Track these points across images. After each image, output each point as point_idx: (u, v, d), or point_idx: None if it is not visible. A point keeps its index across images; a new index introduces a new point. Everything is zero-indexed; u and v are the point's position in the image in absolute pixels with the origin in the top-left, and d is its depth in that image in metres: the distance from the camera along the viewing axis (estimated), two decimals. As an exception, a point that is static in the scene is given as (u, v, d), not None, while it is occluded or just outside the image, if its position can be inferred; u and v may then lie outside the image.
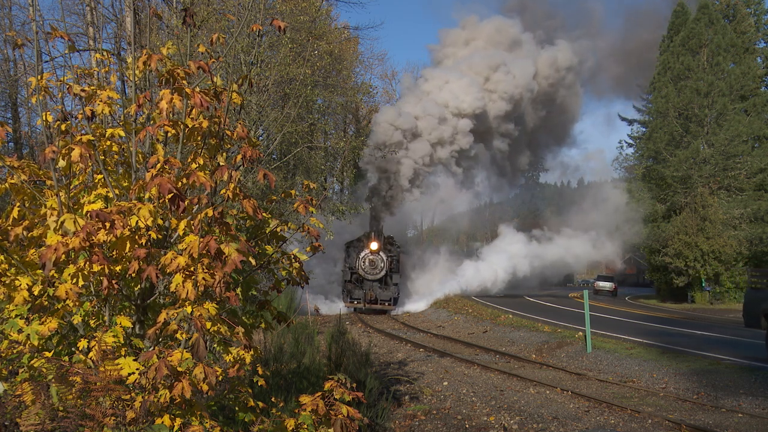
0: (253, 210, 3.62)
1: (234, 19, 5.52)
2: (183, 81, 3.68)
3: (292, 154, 21.98)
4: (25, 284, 3.49)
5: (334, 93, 27.87)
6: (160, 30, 17.24)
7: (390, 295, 28.32)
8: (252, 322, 4.43)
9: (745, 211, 35.55)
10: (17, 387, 3.14)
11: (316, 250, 4.50)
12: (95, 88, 3.89)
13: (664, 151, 37.05)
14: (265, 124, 20.13)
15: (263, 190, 17.42)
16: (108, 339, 3.35)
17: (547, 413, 9.20)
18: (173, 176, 3.40)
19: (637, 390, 10.94)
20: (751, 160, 35.48)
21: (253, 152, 3.70)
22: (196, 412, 3.36)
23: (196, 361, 3.12)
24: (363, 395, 3.88)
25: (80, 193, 3.93)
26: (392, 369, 12.85)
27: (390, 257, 29.00)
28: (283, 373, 8.39)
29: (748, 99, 36.87)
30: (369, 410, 7.71)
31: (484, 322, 21.83)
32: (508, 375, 12.36)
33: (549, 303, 31.70)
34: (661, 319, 24.72)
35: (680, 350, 14.16)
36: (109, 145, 3.92)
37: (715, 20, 37.05)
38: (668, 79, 37.15)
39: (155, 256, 3.39)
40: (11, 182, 3.68)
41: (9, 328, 3.47)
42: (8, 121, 24.36)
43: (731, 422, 8.71)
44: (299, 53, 22.48)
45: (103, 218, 3.22)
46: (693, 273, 35.71)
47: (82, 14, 23.22)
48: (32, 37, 3.77)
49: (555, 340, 16.35)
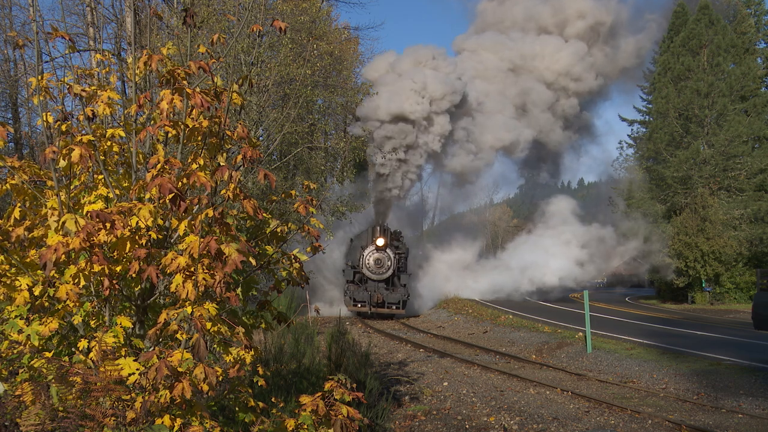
0: (254, 210, 3.62)
1: (234, 19, 5.53)
2: (183, 81, 3.68)
3: (293, 154, 21.99)
4: (26, 285, 3.50)
5: (335, 93, 27.85)
6: (160, 30, 17.25)
7: (398, 298, 24.77)
8: (252, 323, 4.43)
9: (745, 211, 35.54)
10: (17, 387, 3.14)
11: (317, 250, 4.50)
12: (95, 88, 3.89)
13: (664, 152, 37.04)
14: (265, 124, 20.14)
15: (263, 190, 17.43)
16: (108, 339, 3.35)
17: (547, 414, 9.20)
18: (173, 176, 3.40)
19: (637, 390, 10.94)
20: (752, 160, 35.47)
21: (253, 152, 3.70)
22: (197, 413, 3.36)
23: (196, 361, 3.12)
24: (363, 395, 3.88)
25: (81, 193, 3.93)
26: (392, 369, 12.85)
27: (398, 254, 26.00)
28: (283, 374, 8.39)
29: (749, 99, 36.86)
30: (369, 410, 7.71)
31: (484, 323, 21.84)
32: (509, 375, 12.36)
33: (549, 303, 31.70)
34: (661, 319, 24.70)
35: (680, 351, 14.16)
36: (109, 145, 3.93)
37: (715, 21, 37.05)
38: (668, 80, 37.14)
39: (156, 257, 3.39)
40: (12, 183, 3.68)
41: (9, 329, 3.47)
42: (8, 122, 24.36)
43: (731, 423, 8.71)
44: (299, 53, 22.49)
45: (103, 218, 3.22)
46: (693, 273, 35.70)
47: (82, 14, 23.24)
48: (33, 38, 3.76)
49: (555, 341, 16.35)
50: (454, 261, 34.90)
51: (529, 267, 35.03)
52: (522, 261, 35.78)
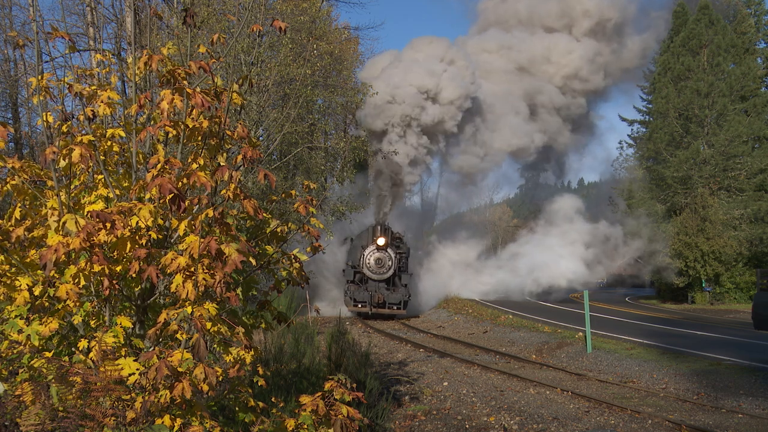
0: (254, 210, 3.62)
1: (234, 19, 5.53)
2: (184, 81, 3.68)
3: (293, 154, 21.98)
4: (26, 285, 3.50)
5: (335, 93, 27.83)
6: (160, 30, 17.25)
7: (399, 298, 24.65)
8: (252, 323, 4.43)
9: (745, 211, 35.54)
10: (17, 387, 3.14)
11: (317, 250, 4.50)
12: (96, 88, 3.89)
13: (664, 152, 37.05)
14: (265, 124, 20.13)
15: (263, 190, 17.43)
16: (108, 339, 3.36)
17: (547, 413, 9.20)
18: (174, 176, 3.40)
19: (637, 390, 10.94)
20: (751, 160, 35.48)
21: (253, 152, 3.70)
22: (197, 413, 3.36)
23: (196, 361, 3.12)
24: (363, 395, 3.88)
25: (81, 193, 3.93)
26: (392, 369, 12.85)
27: (399, 254, 25.74)
28: (283, 374, 8.39)
29: (749, 99, 36.87)
30: (369, 410, 7.71)
31: (484, 323, 21.84)
32: (509, 375, 12.36)
33: (549, 303, 31.69)
34: (661, 319, 24.70)
35: (680, 351, 14.16)
36: (109, 145, 3.93)
37: (715, 21, 37.05)
38: (668, 80, 37.15)
39: (156, 257, 3.39)
40: (12, 183, 3.68)
41: (9, 329, 3.47)
42: (9, 122, 24.37)
43: (731, 423, 8.71)
44: (299, 53, 22.48)
45: (103, 218, 3.22)
46: (693, 273, 35.70)
47: (82, 14, 23.25)
48: (33, 38, 3.76)
49: (555, 341, 16.35)
50: (458, 260, 34.59)
51: (537, 267, 34.83)
52: (530, 261, 35.56)
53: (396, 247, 26.00)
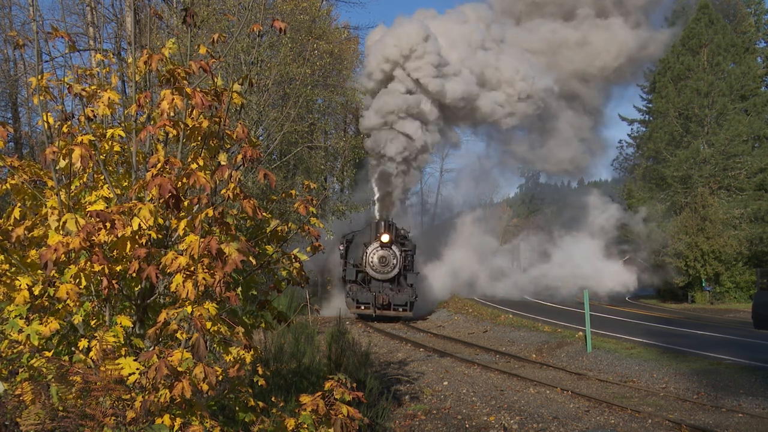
0: (254, 210, 3.62)
1: (234, 19, 5.53)
2: (184, 81, 3.68)
3: (292, 153, 21.99)
4: (26, 284, 3.50)
5: (335, 93, 27.83)
6: (160, 30, 17.25)
7: (405, 299, 22.75)
8: (252, 322, 4.43)
9: (745, 211, 35.56)
10: (17, 387, 3.14)
11: (317, 250, 4.50)
12: (96, 88, 3.89)
13: (664, 151, 37.06)
14: (265, 123, 20.14)
15: (263, 189, 17.43)
16: (108, 339, 3.36)
17: (547, 413, 9.20)
18: (173, 176, 3.40)
19: (638, 390, 10.94)
20: (751, 160, 35.49)
21: (253, 152, 3.70)
22: (197, 412, 3.36)
23: (196, 360, 3.12)
24: (363, 395, 3.88)
25: (81, 193, 3.93)
26: (392, 369, 12.85)
27: (404, 252, 24.07)
28: (283, 373, 8.39)
29: (749, 99, 36.88)
30: (369, 410, 7.71)
31: (484, 322, 21.84)
32: (509, 375, 12.36)
33: (549, 303, 31.69)
34: (661, 319, 24.71)
35: (680, 350, 14.16)
36: (111, 145, 3.93)
37: (715, 20, 37.06)
38: (668, 79, 37.16)
39: (155, 256, 3.39)
40: (12, 182, 3.68)
41: (9, 329, 3.47)
42: (9, 121, 24.37)
43: (731, 422, 8.71)
44: (299, 53, 22.50)
45: (103, 218, 3.22)
46: (693, 273, 35.71)
47: (82, 14, 23.25)
48: (33, 37, 3.77)
49: (555, 340, 16.35)
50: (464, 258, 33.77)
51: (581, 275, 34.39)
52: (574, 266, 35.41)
53: (401, 245, 24.30)
